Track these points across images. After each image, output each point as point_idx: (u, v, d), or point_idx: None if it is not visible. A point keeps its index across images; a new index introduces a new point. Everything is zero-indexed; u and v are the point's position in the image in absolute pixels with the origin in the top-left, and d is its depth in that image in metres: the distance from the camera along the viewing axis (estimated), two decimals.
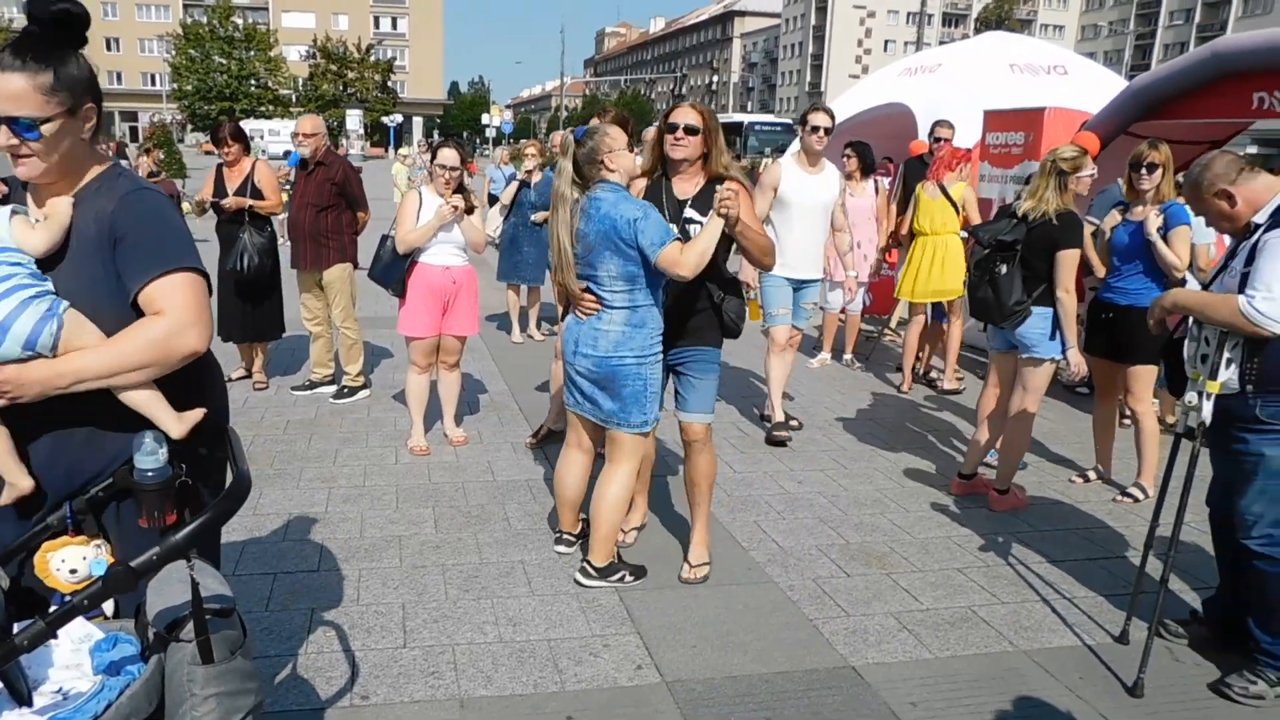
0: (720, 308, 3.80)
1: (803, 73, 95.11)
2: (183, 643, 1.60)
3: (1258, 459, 3.07)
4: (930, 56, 11.42)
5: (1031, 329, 4.55)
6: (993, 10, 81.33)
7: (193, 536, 1.56)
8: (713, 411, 3.90)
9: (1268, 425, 3.02)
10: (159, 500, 1.87)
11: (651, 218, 3.47)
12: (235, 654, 1.63)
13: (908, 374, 7.34)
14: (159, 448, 1.85)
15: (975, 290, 4.65)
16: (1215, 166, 3.12)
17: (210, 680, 1.57)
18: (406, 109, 67.87)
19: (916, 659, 3.36)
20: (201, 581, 1.60)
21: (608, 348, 3.56)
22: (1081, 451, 5.80)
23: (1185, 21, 75.14)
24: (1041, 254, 4.46)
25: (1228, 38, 6.08)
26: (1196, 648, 3.48)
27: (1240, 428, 3.09)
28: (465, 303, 5.32)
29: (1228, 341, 3.02)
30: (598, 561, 3.80)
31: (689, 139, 3.72)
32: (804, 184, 5.83)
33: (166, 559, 1.55)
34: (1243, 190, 3.06)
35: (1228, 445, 3.18)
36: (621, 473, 3.74)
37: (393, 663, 3.17)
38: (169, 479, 1.87)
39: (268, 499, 4.57)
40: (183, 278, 1.91)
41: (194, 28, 60.51)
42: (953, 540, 4.44)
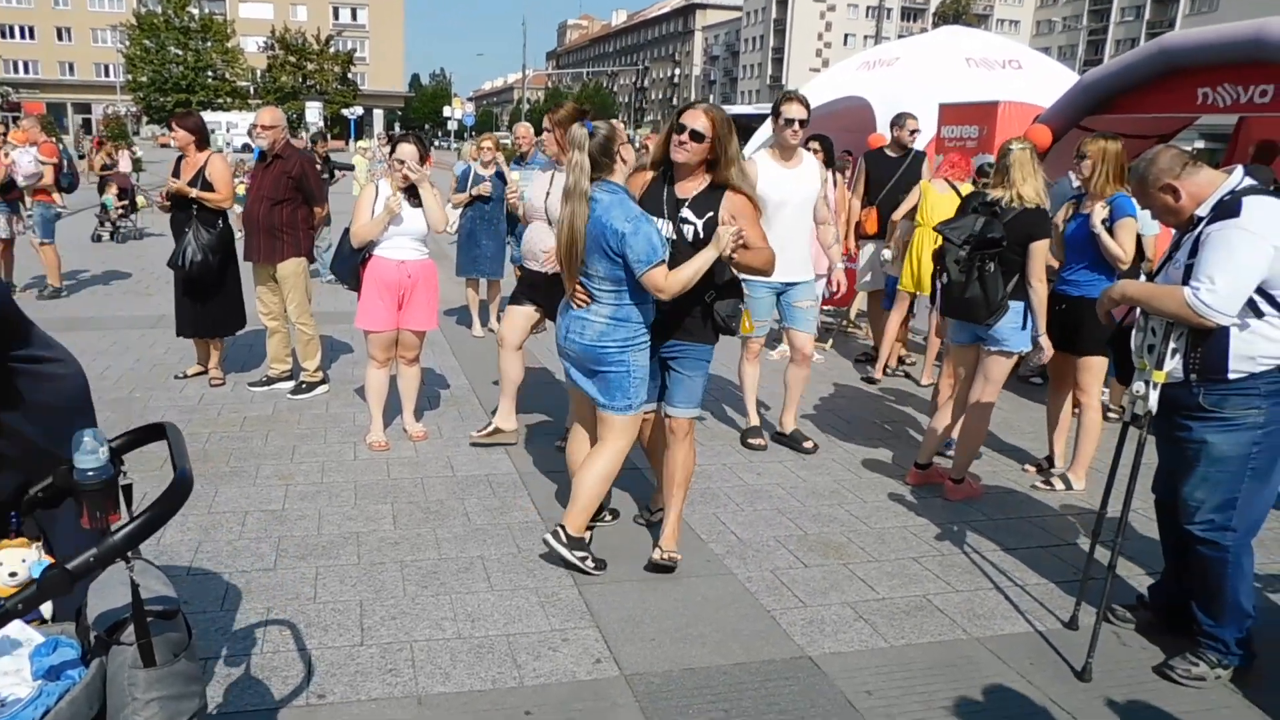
0: (711, 308, 3.81)
1: (764, 66, 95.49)
2: (124, 646, 1.58)
3: (1201, 446, 3.14)
4: (888, 50, 11.53)
5: (1004, 324, 4.58)
6: (950, 5, 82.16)
7: (131, 537, 1.53)
8: (698, 406, 3.96)
9: (1210, 413, 3.09)
10: (101, 500, 1.84)
11: (641, 233, 3.50)
12: (179, 656, 1.61)
13: (883, 363, 7.40)
14: (99, 446, 1.82)
15: (962, 290, 4.57)
16: (1160, 161, 3.18)
17: (152, 684, 1.54)
18: (367, 101, 67.15)
19: (872, 648, 3.40)
20: (143, 583, 1.58)
21: (593, 337, 3.69)
22: (1035, 441, 5.90)
23: (1136, 18, 76.51)
24: (1017, 246, 4.50)
25: (1174, 34, 6.20)
26: (1143, 632, 3.56)
27: (1184, 416, 3.17)
28: (422, 297, 5.27)
29: (1173, 332, 3.08)
30: (571, 530, 3.85)
31: (693, 145, 3.69)
32: (782, 180, 5.30)
33: (104, 561, 1.52)
34: (1186, 184, 3.12)
35: (1172, 433, 3.25)
36: (608, 450, 3.83)
37: (350, 661, 3.15)
38: (110, 479, 1.84)
39: (223, 497, 4.52)
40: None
41: (148, 18, 59.32)
42: (909, 530, 4.50)
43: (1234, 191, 3.03)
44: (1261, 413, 3.04)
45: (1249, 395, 3.03)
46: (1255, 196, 2.98)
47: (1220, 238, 2.94)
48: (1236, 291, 2.91)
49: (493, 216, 8.34)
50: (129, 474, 1.86)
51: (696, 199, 3.77)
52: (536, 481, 4.90)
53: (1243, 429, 3.06)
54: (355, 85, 69.74)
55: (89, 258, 12.54)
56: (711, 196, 3.74)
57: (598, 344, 3.69)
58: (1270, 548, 4.37)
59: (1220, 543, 3.15)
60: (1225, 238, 2.93)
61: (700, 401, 3.96)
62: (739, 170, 3.77)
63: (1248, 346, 3.00)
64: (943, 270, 4.69)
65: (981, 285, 4.52)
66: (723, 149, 3.71)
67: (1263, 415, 3.04)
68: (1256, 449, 3.07)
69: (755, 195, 3.83)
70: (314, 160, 8.47)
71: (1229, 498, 3.12)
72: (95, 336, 7.87)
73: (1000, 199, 4.56)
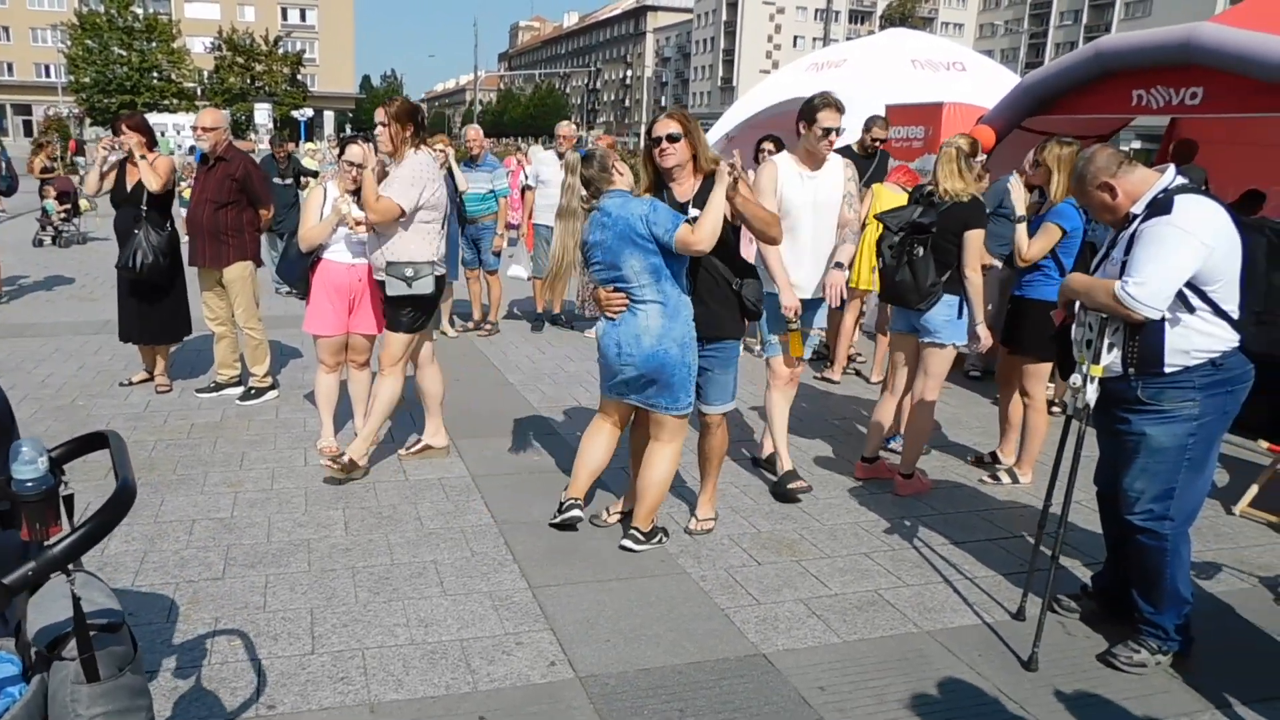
0: (740, 294, 4.05)
1: (715, 68, 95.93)
2: (66, 661, 1.55)
3: (1139, 438, 3.22)
4: (836, 52, 11.69)
5: (936, 315, 4.73)
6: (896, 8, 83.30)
7: (71, 549, 1.50)
8: (732, 400, 4.26)
9: (1148, 406, 3.18)
10: (40, 512, 1.80)
11: (660, 209, 3.81)
12: (124, 670, 1.57)
13: (841, 362, 7.47)
14: (38, 456, 1.78)
15: (894, 274, 4.77)
16: (1097, 160, 3.27)
17: (96, 699, 1.51)
18: (317, 103, 66.14)
19: (825, 644, 3.44)
20: (86, 595, 1.55)
21: (651, 343, 3.85)
22: (982, 436, 6.01)
23: (1074, 22, 78.26)
24: (952, 236, 4.64)
25: (1109, 38, 6.36)
26: (1087, 621, 3.64)
27: (1123, 409, 3.25)
28: (364, 300, 5.20)
29: (1108, 326, 3.17)
30: (644, 527, 4.16)
31: (673, 146, 3.95)
32: (806, 187, 4.73)
33: (43, 574, 1.49)
34: (1123, 183, 3.21)
35: (1112, 426, 3.34)
36: (669, 450, 4.10)
37: (300, 670, 3.12)
38: (50, 489, 1.80)
39: (170, 506, 4.44)
40: None
41: (90, 17, 57.87)
42: (860, 526, 4.56)
43: (1166, 190, 3.12)
44: (1196, 405, 3.12)
45: (1184, 388, 3.12)
46: (1186, 195, 3.08)
47: (1152, 234, 3.03)
48: (1165, 286, 2.99)
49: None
50: (70, 484, 1.83)
51: (697, 195, 4.00)
52: (490, 484, 4.88)
53: (1179, 421, 3.15)
54: (305, 87, 68.68)
55: (30, 263, 12.22)
56: (707, 186, 3.92)
57: (659, 347, 3.84)
58: (1205, 536, 4.50)
59: (1159, 532, 3.23)
60: (1157, 234, 3.02)
61: (734, 394, 4.25)
62: (716, 155, 4.06)
63: (1182, 341, 3.09)
64: (879, 255, 4.90)
65: (911, 270, 4.68)
66: (698, 142, 4.01)
67: (1197, 407, 3.13)
68: (1192, 440, 3.16)
69: (739, 169, 3.95)
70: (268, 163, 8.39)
71: (1167, 488, 3.21)
72: (37, 343, 7.68)
73: (937, 192, 4.71)
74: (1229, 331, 3.10)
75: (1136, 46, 5.87)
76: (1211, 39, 5.53)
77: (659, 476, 4.09)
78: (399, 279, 4.68)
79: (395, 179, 4.65)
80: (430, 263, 4.74)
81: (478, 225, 8.54)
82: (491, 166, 8.72)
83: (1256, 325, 3.58)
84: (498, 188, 8.59)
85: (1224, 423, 3.20)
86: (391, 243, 4.69)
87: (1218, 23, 5.97)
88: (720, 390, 4.19)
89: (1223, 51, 5.45)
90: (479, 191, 8.41)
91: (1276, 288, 3.72)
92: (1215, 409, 3.14)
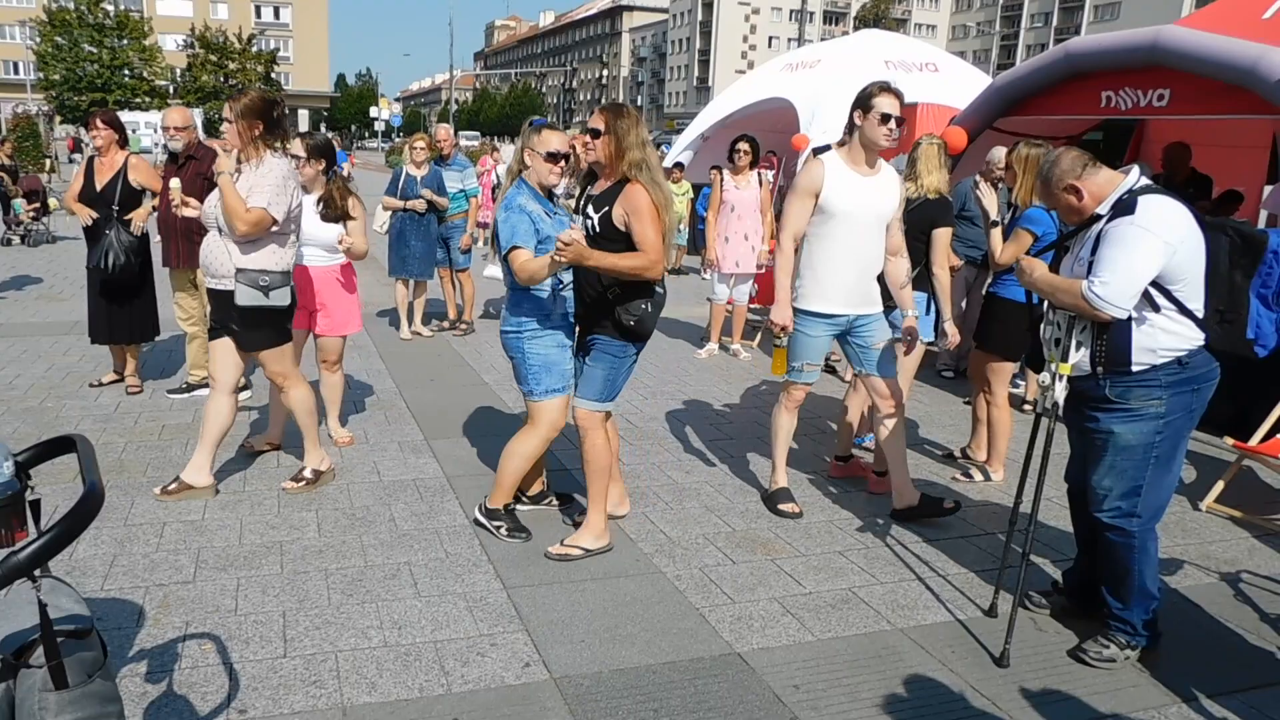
0: (614, 307, 3.86)
1: (690, 68, 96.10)
2: (33, 668, 1.53)
3: (1108, 436, 3.26)
4: (811, 53, 11.72)
5: None
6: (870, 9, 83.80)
7: (37, 555, 1.47)
8: (597, 400, 4.02)
9: (1116, 404, 3.22)
10: (6, 517, 1.77)
11: (506, 221, 3.82)
12: (93, 677, 1.55)
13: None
14: (4, 460, 1.75)
15: None
16: (1062, 162, 3.30)
17: (65, 706, 1.49)
18: (292, 101, 65.65)
19: (799, 642, 3.46)
20: (53, 601, 1.53)
21: (502, 320, 4.08)
22: (954, 433, 6.06)
23: (1045, 24, 79.10)
24: (920, 234, 4.69)
25: (1078, 39, 6.42)
26: (1057, 617, 3.68)
27: (1092, 407, 3.29)
28: (334, 303, 5.18)
29: (1076, 325, 3.20)
30: (489, 504, 4.27)
31: (595, 142, 3.87)
32: (856, 189, 4.29)
33: (7, 580, 1.47)
34: (1088, 184, 3.24)
35: (1082, 424, 3.38)
36: (524, 435, 4.14)
37: (272, 673, 3.09)
38: (16, 494, 1.78)
39: (140, 508, 4.39)
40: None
41: (60, 14, 57.06)
42: (834, 524, 4.58)
43: (1131, 190, 3.16)
44: (1162, 403, 3.16)
45: (1150, 386, 3.16)
46: (1150, 195, 3.12)
47: (1116, 235, 3.07)
48: (1129, 285, 3.03)
49: (423, 216, 8.27)
50: (38, 489, 1.80)
51: (600, 195, 3.92)
52: (464, 485, 4.87)
53: (1146, 419, 3.19)
54: (279, 85, 68.16)
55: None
56: (613, 191, 3.85)
57: (503, 329, 4.06)
58: (1172, 532, 4.56)
59: (1127, 529, 3.27)
60: (1121, 234, 3.05)
61: (600, 395, 4.01)
62: (642, 162, 3.80)
63: (1149, 339, 3.13)
64: None
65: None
66: (617, 142, 3.80)
67: (1163, 405, 3.16)
68: (1159, 437, 3.20)
69: (658, 188, 3.81)
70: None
71: (1134, 485, 3.24)
72: (4, 344, 7.57)
73: (927, 190, 4.75)
74: (1194, 330, 3.14)
75: (1105, 48, 5.94)
76: (1178, 41, 5.60)
77: (505, 454, 4.17)
78: (253, 287, 4.29)
79: (263, 185, 4.25)
80: (284, 273, 4.41)
81: (448, 224, 8.54)
82: (461, 166, 8.79)
83: (1220, 324, 3.62)
84: (468, 187, 8.66)
85: (1190, 421, 3.24)
86: (243, 248, 4.31)
87: (1184, 25, 6.05)
88: (587, 384, 4.01)
89: (1189, 54, 5.52)
90: (449, 190, 8.42)
91: (1239, 287, 3.76)
92: (1182, 407, 3.18)
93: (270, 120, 4.36)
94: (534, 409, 4.08)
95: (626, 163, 3.79)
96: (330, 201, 5.01)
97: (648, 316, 3.87)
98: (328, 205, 5.01)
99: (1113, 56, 5.85)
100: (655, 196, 3.79)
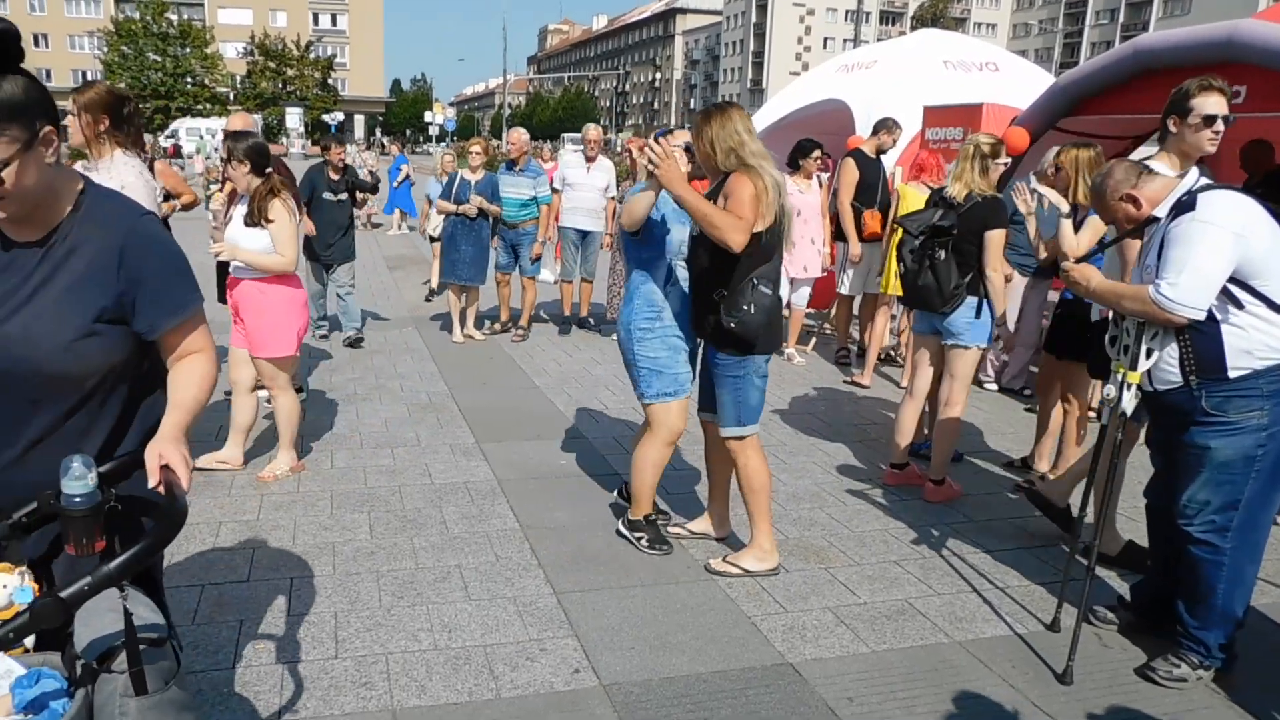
0: (719, 303, 3.66)
1: (744, 69, 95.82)
2: (114, 674, 1.55)
3: (1203, 452, 3.05)
4: (867, 53, 11.55)
5: (959, 317, 4.68)
6: (928, 9, 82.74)
7: (125, 567, 1.50)
8: (736, 425, 3.86)
9: (1212, 417, 3.01)
10: (87, 527, 1.79)
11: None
12: (169, 684, 1.58)
13: (870, 369, 7.39)
14: (88, 472, 1.77)
15: (916, 278, 4.71)
16: (1115, 173, 3.20)
17: (144, 712, 1.52)
18: (348, 107, 66.96)
19: (853, 653, 3.38)
20: (133, 610, 1.55)
21: (619, 320, 4.08)
22: (1015, 442, 5.90)
23: (1110, 21, 77.39)
24: (972, 236, 4.59)
25: (1147, 35, 6.22)
26: (1124, 633, 3.55)
27: (1183, 420, 3.09)
28: (247, 319, 4.79)
29: (1146, 332, 3.08)
30: (631, 515, 4.23)
31: (686, 156, 3.87)
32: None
33: (97, 590, 1.49)
34: (1145, 191, 3.13)
35: (1170, 438, 3.19)
36: (646, 441, 4.10)
37: (323, 674, 3.10)
38: (98, 504, 1.79)
39: (196, 507, 4.45)
40: (202, 317, 2.02)
41: (126, 24, 58.89)
42: (889, 533, 4.48)
43: (1190, 191, 3.03)
44: (1265, 414, 2.96)
45: (1250, 396, 2.96)
46: (1211, 191, 2.99)
47: (1179, 233, 2.94)
48: (1200, 283, 2.89)
49: (474, 221, 8.28)
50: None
51: (706, 195, 3.71)
52: (514, 488, 4.86)
53: (1246, 432, 2.98)
54: (335, 91, 69.45)
55: None
56: (715, 188, 3.74)
57: (618, 329, 4.08)
58: None
59: (1218, 545, 3.08)
60: (1183, 232, 2.93)
61: (736, 420, 3.84)
62: (732, 151, 3.63)
63: (1241, 340, 2.94)
64: (900, 259, 4.81)
65: (934, 273, 4.64)
66: (708, 146, 3.67)
67: (1266, 416, 2.96)
68: (1261, 451, 2.99)
69: (759, 174, 3.58)
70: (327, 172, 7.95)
71: (1232, 500, 3.04)
72: None
73: (954, 194, 4.65)
74: None
75: (1177, 44, 5.73)
76: (1256, 36, 5.38)
77: (634, 465, 4.13)
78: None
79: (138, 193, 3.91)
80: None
81: (518, 230, 8.47)
82: (535, 173, 8.55)
83: None
84: (540, 194, 8.47)
85: None
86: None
87: (1262, 19, 5.82)
88: (723, 410, 3.87)
89: (1268, 48, 5.32)
90: (520, 197, 8.33)
91: None
92: None
93: (118, 116, 4.14)
94: (649, 413, 4.04)
95: (718, 158, 3.66)
96: (250, 207, 4.66)
97: (749, 319, 3.60)
98: (250, 212, 4.66)
99: (1185, 52, 5.63)
100: (756, 181, 3.56)
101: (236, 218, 4.74)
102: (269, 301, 4.72)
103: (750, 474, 3.93)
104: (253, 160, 4.64)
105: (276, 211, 4.62)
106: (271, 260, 4.65)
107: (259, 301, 4.71)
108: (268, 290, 4.72)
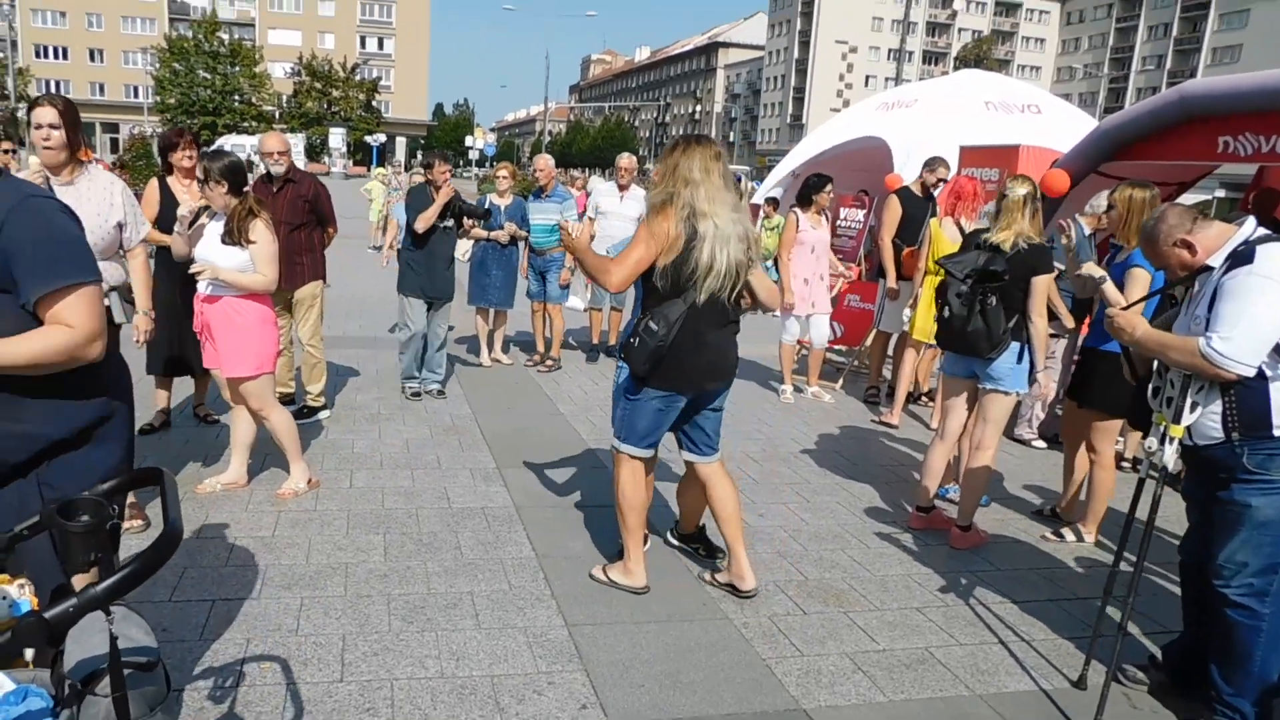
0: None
1: (784, 105, 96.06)
2: (98, 698, 1.51)
3: (1243, 510, 2.95)
4: (907, 92, 11.54)
5: (1002, 363, 4.57)
6: (971, 50, 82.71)
7: (113, 590, 1.47)
8: (617, 436, 3.99)
9: (1255, 475, 2.92)
10: (85, 545, 1.76)
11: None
12: (154, 710, 1.55)
13: (899, 407, 7.27)
14: None
15: (965, 323, 4.55)
16: (1169, 218, 3.11)
17: None
18: (390, 129, 67.91)
19: (870, 702, 3.27)
20: (124, 631, 1.52)
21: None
22: (1044, 491, 5.76)
23: (1157, 67, 76.88)
24: (1020, 282, 4.49)
25: (1195, 81, 6.13)
26: (1155, 694, 3.41)
27: (1223, 476, 3.00)
28: (217, 336, 4.70)
29: (1192, 385, 2.97)
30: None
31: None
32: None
33: (82, 613, 1.46)
34: (1200, 237, 3.04)
35: (1209, 495, 3.09)
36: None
37: (327, 698, 3.05)
38: (99, 521, 1.76)
39: (213, 521, 4.43)
40: (84, 292, 2.11)
41: (179, 41, 60.38)
42: (912, 578, 4.37)
43: (1248, 241, 2.94)
44: None
45: None
46: (1271, 244, 2.89)
47: (1234, 286, 2.84)
48: (1255, 340, 2.79)
49: (504, 247, 8.29)
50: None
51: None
52: (533, 515, 4.80)
53: None
54: (379, 113, 70.58)
55: None
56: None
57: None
58: None
59: (1256, 609, 2.97)
60: (1240, 285, 2.83)
61: (619, 432, 3.95)
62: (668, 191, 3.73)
63: None
64: (944, 304, 4.65)
65: (984, 319, 4.51)
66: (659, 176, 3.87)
67: None
68: None
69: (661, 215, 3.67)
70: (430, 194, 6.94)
71: (1272, 562, 2.94)
72: None
73: (1002, 241, 4.54)
74: None
75: (1225, 91, 5.64)
76: None
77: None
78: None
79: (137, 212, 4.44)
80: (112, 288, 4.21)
81: (545, 257, 8.44)
82: (561, 198, 8.50)
83: None
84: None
85: None
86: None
87: None
88: (613, 415, 4.08)
89: None
90: (548, 222, 8.31)
91: None
92: None
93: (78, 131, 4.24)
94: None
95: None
96: (229, 227, 4.61)
97: (634, 350, 3.68)
98: (228, 231, 4.60)
99: (1234, 100, 5.54)
100: (653, 223, 3.67)
101: (211, 236, 4.68)
102: (245, 320, 4.69)
103: (616, 489, 3.99)
104: (230, 180, 4.61)
105: (259, 232, 4.61)
106: (253, 279, 4.62)
107: (234, 320, 4.67)
108: (243, 308, 4.68)
